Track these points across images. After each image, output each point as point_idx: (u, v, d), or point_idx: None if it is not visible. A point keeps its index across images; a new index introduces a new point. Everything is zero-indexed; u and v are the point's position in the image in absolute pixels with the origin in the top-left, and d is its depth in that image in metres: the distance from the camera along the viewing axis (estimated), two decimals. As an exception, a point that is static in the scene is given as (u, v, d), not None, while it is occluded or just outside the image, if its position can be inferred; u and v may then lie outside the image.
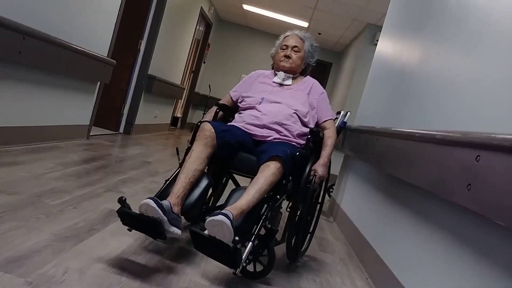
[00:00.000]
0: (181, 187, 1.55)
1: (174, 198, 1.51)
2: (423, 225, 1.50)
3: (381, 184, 2.19)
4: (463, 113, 1.40)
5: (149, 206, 1.36)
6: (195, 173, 1.61)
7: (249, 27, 8.14)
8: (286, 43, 2.09)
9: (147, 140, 4.84)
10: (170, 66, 5.73)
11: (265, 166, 1.59)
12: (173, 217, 1.44)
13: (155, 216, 1.36)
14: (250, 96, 2.00)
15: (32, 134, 2.82)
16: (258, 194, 1.52)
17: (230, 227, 1.32)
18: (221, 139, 1.69)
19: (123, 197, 1.41)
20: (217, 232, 1.33)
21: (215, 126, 1.71)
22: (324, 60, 7.89)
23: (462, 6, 1.70)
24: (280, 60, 2.08)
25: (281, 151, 1.61)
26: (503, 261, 1.00)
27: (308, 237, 2.07)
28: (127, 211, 1.40)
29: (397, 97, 2.31)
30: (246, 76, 2.20)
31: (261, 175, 1.57)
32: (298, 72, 2.13)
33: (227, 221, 1.33)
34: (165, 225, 1.38)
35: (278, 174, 1.59)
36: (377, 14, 5.15)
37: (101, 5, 3.34)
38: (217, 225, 1.33)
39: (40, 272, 1.18)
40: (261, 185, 1.53)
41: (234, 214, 1.41)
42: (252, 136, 1.84)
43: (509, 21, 1.25)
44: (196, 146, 1.67)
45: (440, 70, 1.74)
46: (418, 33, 2.26)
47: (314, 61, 2.17)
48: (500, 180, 0.94)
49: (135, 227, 1.45)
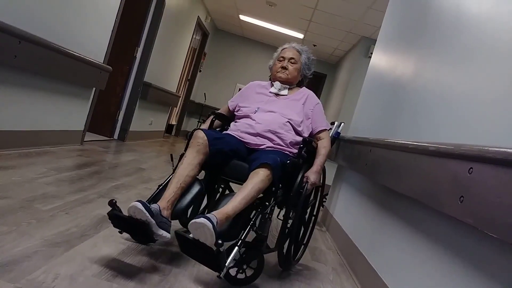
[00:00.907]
0: (171, 192, 1.57)
1: (164, 202, 1.53)
2: (415, 235, 1.51)
3: (374, 195, 2.20)
4: (455, 126, 1.42)
5: (137, 208, 1.38)
6: (186, 178, 1.63)
7: (245, 37, 8.21)
8: (283, 55, 2.14)
9: (141, 146, 4.82)
10: (166, 74, 5.74)
11: (254, 173, 1.61)
12: (162, 220, 1.46)
13: (143, 218, 1.38)
14: (246, 106, 2.04)
15: (26, 139, 2.80)
16: (245, 200, 1.54)
17: (211, 230, 1.34)
18: (214, 147, 1.72)
19: (114, 200, 1.44)
20: (199, 234, 1.36)
21: (208, 134, 1.74)
22: (318, 71, 7.95)
23: (455, 21, 1.73)
24: (277, 71, 2.13)
25: (271, 159, 1.64)
26: (495, 271, 1.01)
27: (302, 247, 2.07)
28: (117, 213, 1.43)
29: (391, 109, 2.34)
30: (244, 87, 2.24)
31: (250, 181, 1.59)
32: (295, 84, 2.17)
33: (208, 223, 1.35)
34: (153, 228, 1.41)
35: (267, 181, 1.61)
36: (371, 27, 5.23)
37: (98, 11, 3.35)
38: (199, 228, 1.35)
39: (30, 278, 1.17)
40: (248, 191, 1.55)
41: (219, 218, 1.43)
42: (245, 144, 1.87)
43: (501, 36, 1.28)
44: (188, 153, 1.70)
45: (433, 83, 1.77)
46: (412, 47, 2.30)
47: (310, 73, 2.21)
48: (492, 193, 0.95)
49: (125, 229, 1.49)
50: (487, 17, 1.43)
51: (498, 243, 1.01)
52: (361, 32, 5.57)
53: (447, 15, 1.85)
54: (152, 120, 5.71)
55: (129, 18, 4.36)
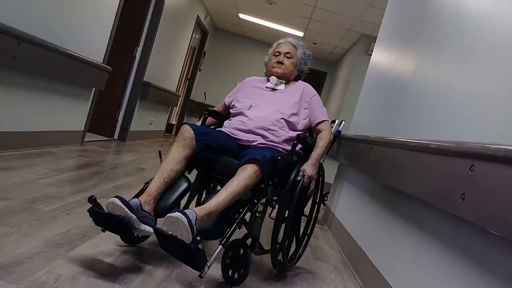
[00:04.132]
0: (154, 186, 1.51)
1: (146, 197, 1.48)
2: (417, 233, 1.51)
3: (375, 193, 2.20)
4: (456, 123, 1.42)
5: (115, 204, 1.32)
6: (170, 173, 1.57)
7: (245, 35, 8.20)
8: (279, 49, 2.10)
9: (142, 146, 4.82)
10: (166, 73, 5.74)
11: (242, 169, 1.56)
12: (143, 215, 1.41)
13: (122, 214, 1.33)
14: (241, 102, 2.00)
15: (26, 140, 2.80)
16: (230, 196, 1.47)
17: (186, 225, 1.27)
18: (201, 142, 1.66)
19: (93, 196, 1.37)
20: (175, 230, 1.29)
21: (195, 129, 1.68)
22: (319, 69, 7.95)
23: (455, 18, 1.73)
24: (272, 66, 2.08)
25: (259, 154, 1.58)
26: (497, 269, 1.01)
27: (301, 248, 2.02)
28: (96, 210, 1.37)
29: (391, 107, 2.34)
30: (241, 82, 2.20)
31: (236, 178, 1.53)
32: (291, 79, 2.13)
33: (183, 218, 1.28)
34: (135, 224, 1.36)
35: (255, 178, 1.55)
36: (371, 25, 5.22)
37: (98, 11, 3.35)
38: (174, 222, 1.29)
39: (32, 279, 1.17)
40: (234, 188, 1.49)
41: (199, 214, 1.37)
42: (237, 141, 1.83)
43: (501, 33, 1.27)
44: (174, 147, 1.66)
45: (433, 81, 1.76)
46: (412, 44, 2.29)
47: (307, 68, 2.16)
48: (494, 190, 0.95)
49: (107, 227, 1.42)
50: (487, 14, 1.43)
51: (501, 241, 1.01)
52: (362, 29, 5.56)
53: (447, 12, 1.85)
54: (152, 120, 5.71)
55: (128, 18, 4.35)
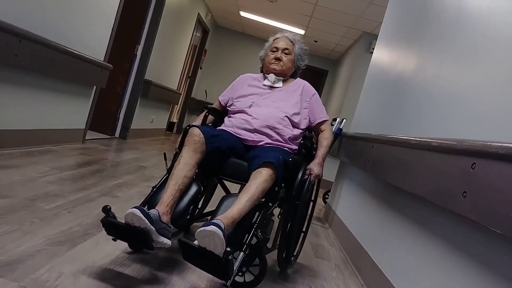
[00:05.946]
0: (170, 195, 1.48)
1: (163, 207, 1.44)
2: (419, 231, 1.51)
3: (376, 191, 2.19)
4: (458, 121, 1.41)
5: (136, 215, 1.28)
6: (184, 180, 1.54)
7: (246, 33, 8.18)
8: (276, 45, 2.04)
9: (143, 144, 4.82)
10: (167, 71, 5.73)
11: (257, 172, 1.53)
12: (161, 226, 1.37)
13: (142, 226, 1.29)
14: (240, 100, 1.96)
15: (27, 138, 2.80)
16: (249, 202, 1.45)
17: (222, 238, 1.25)
18: (211, 145, 1.63)
19: (108, 206, 1.33)
20: (208, 243, 1.26)
21: (205, 131, 1.65)
22: (320, 67, 7.93)
23: (458, 15, 1.72)
24: (270, 62, 2.03)
25: (273, 157, 1.55)
26: (498, 267, 1.01)
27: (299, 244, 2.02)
28: (113, 221, 1.32)
29: (393, 105, 2.33)
30: (235, 80, 2.14)
31: (253, 182, 1.50)
32: (289, 75, 2.08)
33: (219, 231, 1.25)
34: (153, 235, 1.32)
35: (271, 181, 1.53)
36: (373, 23, 5.20)
37: (99, 9, 3.35)
38: (209, 236, 1.25)
39: (34, 277, 1.17)
40: (253, 193, 1.46)
41: (226, 223, 1.33)
42: (242, 141, 1.80)
43: (504, 30, 1.27)
44: (185, 152, 1.61)
45: (435, 79, 1.76)
46: (414, 42, 2.29)
47: (304, 64, 2.12)
48: (495, 188, 0.95)
49: (120, 237, 1.38)
50: (489, 11, 1.42)
51: (502, 239, 1.01)
52: (363, 27, 5.54)
53: (449, 8, 1.84)
54: (153, 118, 5.71)
55: (129, 16, 4.35)
